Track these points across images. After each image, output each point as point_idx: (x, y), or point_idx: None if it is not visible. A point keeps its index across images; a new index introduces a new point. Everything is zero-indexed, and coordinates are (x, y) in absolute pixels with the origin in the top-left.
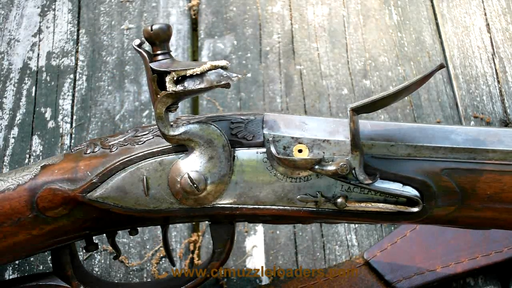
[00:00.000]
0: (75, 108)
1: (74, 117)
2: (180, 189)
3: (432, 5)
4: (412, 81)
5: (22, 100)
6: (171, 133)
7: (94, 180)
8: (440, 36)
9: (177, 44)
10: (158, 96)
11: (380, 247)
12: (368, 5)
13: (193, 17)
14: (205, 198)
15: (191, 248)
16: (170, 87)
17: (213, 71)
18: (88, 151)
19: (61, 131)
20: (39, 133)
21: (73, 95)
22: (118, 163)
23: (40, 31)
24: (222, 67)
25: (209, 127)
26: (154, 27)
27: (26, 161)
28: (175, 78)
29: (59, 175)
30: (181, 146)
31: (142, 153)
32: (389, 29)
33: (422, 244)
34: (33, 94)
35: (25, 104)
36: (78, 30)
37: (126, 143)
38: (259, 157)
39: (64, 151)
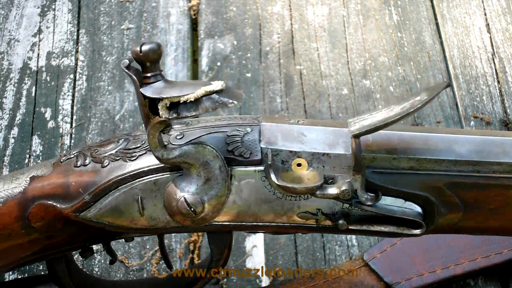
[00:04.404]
0: (75, 108)
1: (74, 117)
2: (177, 211)
3: (432, 5)
4: (415, 107)
5: (22, 100)
6: (165, 156)
7: (86, 199)
8: (440, 36)
9: (177, 44)
10: (151, 120)
11: (380, 249)
12: (368, 5)
13: (193, 17)
14: (203, 219)
15: (191, 248)
16: (163, 114)
17: (208, 97)
18: (79, 164)
19: (61, 131)
20: (39, 133)
21: (73, 95)
22: (111, 182)
23: (40, 31)
24: (217, 92)
25: (205, 148)
26: (144, 48)
27: (26, 161)
28: (168, 105)
29: (50, 191)
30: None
31: (135, 172)
32: (389, 29)
33: (422, 245)
34: (33, 94)
35: (25, 104)
36: (78, 30)
37: (118, 158)
38: (257, 176)
39: (51, 160)
